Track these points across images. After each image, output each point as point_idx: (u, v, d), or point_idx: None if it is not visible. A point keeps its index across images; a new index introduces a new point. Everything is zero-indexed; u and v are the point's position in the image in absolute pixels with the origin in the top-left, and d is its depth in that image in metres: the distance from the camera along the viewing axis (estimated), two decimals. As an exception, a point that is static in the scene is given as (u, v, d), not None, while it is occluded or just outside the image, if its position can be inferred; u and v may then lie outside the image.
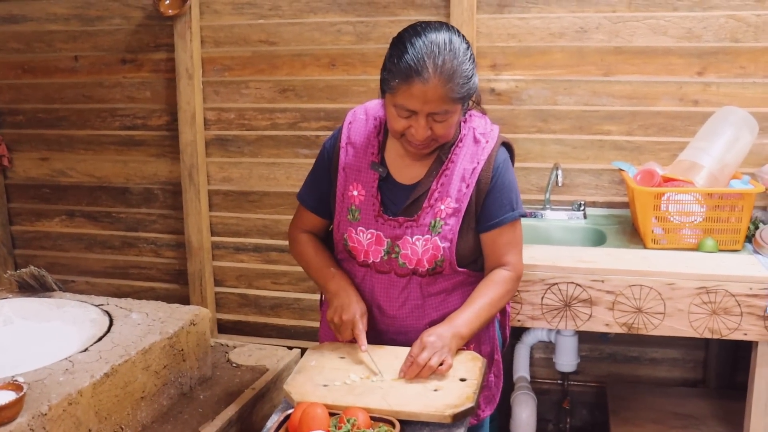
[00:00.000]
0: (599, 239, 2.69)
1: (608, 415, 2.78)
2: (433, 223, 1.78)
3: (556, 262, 2.31)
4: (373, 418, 1.53)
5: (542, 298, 2.31)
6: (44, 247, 3.75)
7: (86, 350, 2.04)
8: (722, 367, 2.93)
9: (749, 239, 2.48)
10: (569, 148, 2.96)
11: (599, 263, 2.29)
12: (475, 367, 1.71)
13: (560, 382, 3.05)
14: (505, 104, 2.97)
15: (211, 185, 3.40)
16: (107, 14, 3.37)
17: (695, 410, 2.76)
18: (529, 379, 2.94)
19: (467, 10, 2.88)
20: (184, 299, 3.48)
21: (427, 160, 1.81)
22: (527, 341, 2.89)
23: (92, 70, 3.46)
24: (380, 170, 1.83)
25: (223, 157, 3.36)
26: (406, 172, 1.83)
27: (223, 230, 3.44)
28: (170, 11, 3.16)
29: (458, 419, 1.55)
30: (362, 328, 1.79)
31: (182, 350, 2.26)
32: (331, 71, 3.15)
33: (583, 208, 2.89)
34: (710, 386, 2.97)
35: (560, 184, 2.82)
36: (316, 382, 1.69)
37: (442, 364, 1.67)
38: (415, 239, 1.78)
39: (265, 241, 3.40)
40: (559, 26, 2.87)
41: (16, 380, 1.73)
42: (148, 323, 2.24)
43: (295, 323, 3.42)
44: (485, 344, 1.91)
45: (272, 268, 3.41)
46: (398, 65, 1.64)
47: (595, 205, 2.98)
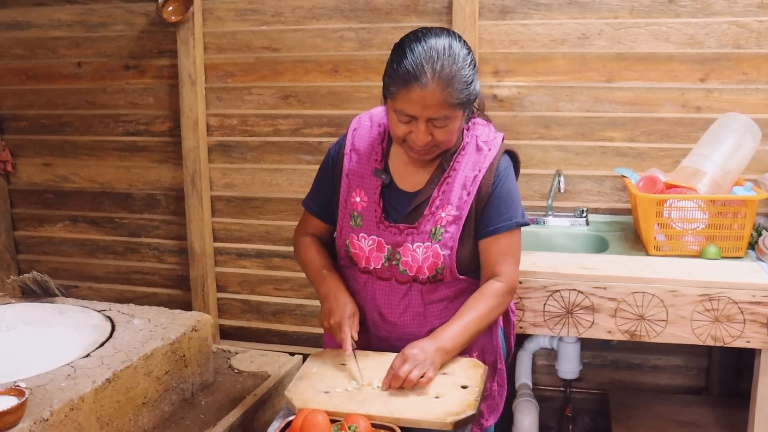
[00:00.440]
0: (601, 246, 2.69)
1: (610, 422, 2.78)
2: (433, 230, 1.77)
3: (558, 268, 2.31)
4: (374, 425, 1.53)
5: (544, 304, 2.30)
6: (47, 252, 3.75)
7: (88, 356, 2.04)
8: (725, 374, 2.92)
9: (752, 246, 2.48)
10: (571, 154, 2.96)
11: (601, 270, 2.29)
12: (476, 374, 1.71)
13: (562, 389, 3.04)
14: (507, 110, 2.97)
15: (213, 191, 3.41)
16: (110, 20, 3.38)
17: (698, 418, 2.75)
18: (531, 386, 2.93)
19: (469, 16, 2.89)
20: (186, 305, 3.48)
21: (429, 167, 1.81)
22: (529, 348, 2.88)
23: (95, 76, 3.47)
24: (383, 177, 1.83)
25: (225, 163, 3.36)
26: (409, 179, 1.83)
27: (225, 236, 3.44)
28: (173, 18, 3.17)
29: (459, 426, 1.54)
30: (347, 331, 1.77)
31: (184, 356, 2.26)
32: (333, 77, 3.15)
33: (585, 214, 2.88)
34: (713, 394, 2.96)
35: (562, 190, 2.82)
36: (317, 388, 1.68)
37: (423, 376, 1.63)
38: (415, 246, 1.78)
39: (267, 247, 3.40)
40: (561, 32, 2.88)
41: (18, 385, 1.74)
42: (150, 329, 2.24)
43: (297, 329, 3.42)
44: (488, 353, 1.91)
45: (274, 274, 3.41)
46: (397, 71, 1.65)
47: (597, 211, 2.98)
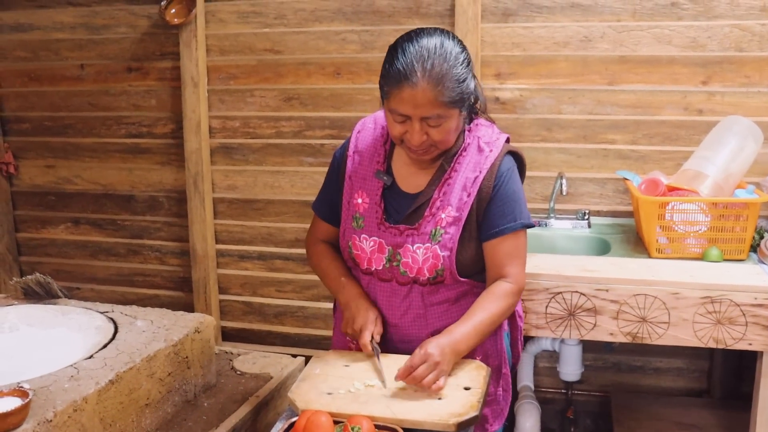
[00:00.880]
0: (603, 248, 2.69)
1: (612, 424, 2.78)
2: (433, 231, 1.77)
3: (560, 271, 2.31)
4: (377, 426, 1.53)
5: (546, 307, 2.31)
6: (49, 254, 3.76)
7: (91, 357, 2.04)
8: (727, 377, 2.92)
9: (754, 249, 2.48)
10: (573, 157, 2.97)
11: (603, 272, 2.29)
12: (479, 375, 1.71)
13: (564, 391, 3.04)
14: (509, 113, 2.98)
15: (215, 193, 3.41)
16: (113, 23, 3.39)
17: (699, 420, 2.75)
18: (533, 388, 2.93)
19: (472, 19, 2.90)
20: (188, 307, 3.48)
21: (431, 168, 1.82)
22: (531, 350, 2.88)
23: (98, 78, 3.48)
24: (384, 178, 1.83)
25: (227, 165, 3.37)
26: (411, 180, 1.84)
27: (227, 238, 3.45)
28: (176, 20, 3.18)
29: (462, 428, 1.55)
30: (367, 336, 1.79)
31: (187, 358, 2.26)
32: (336, 80, 3.16)
33: (587, 217, 2.88)
34: (714, 396, 2.96)
35: (564, 193, 2.82)
36: (320, 390, 1.69)
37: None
38: (415, 247, 1.78)
39: (269, 249, 3.40)
40: (563, 35, 2.88)
41: (21, 387, 1.74)
42: (152, 330, 2.25)
43: (299, 331, 3.42)
44: (493, 358, 1.89)
45: (276, 275, 3.42)
46: (390, 70, 1.66)
47: (599, 214, 2.98)
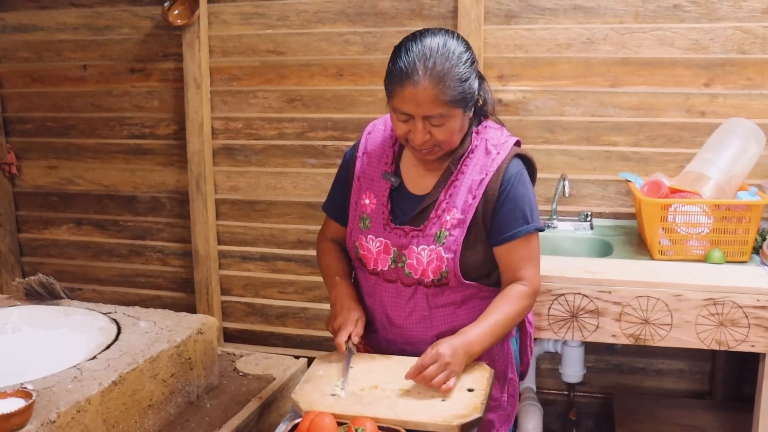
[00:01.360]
0: (606, 250, 2.69)
1: (614, 426, 2.78)
2: (438, 233, 1.77)
3: (562, 272, 2.31)
4: (380, 427, 1.54)
5: (549, 308, 2.31)
6: (52, 254, 3.76)
7: (94, 358, 2.04)
8: (729, 379, 2.92)
9: (756, 251, 2.48)
10: (576, 158, 2.97)
11: (606, 274, 2.30)
12: (482, 377, 1.71)
13: (566, 393, 3.04)
14: (512, 115, 2.98)
15: (218, 194, 3.41)
16: (116, 24, 3.40)
17: (702, 422, 2.75)
18: (535, 389, 2.93)
19: (474, 21, 2.90)
20: (190, 308, 3.48)
21: (438, 170, 1.82)
22: (534, 352, 2.88)
23: (101, 79, 3.49)
24: (392, 180, 1.84)
25: (230, 166, 3.37)
26: (419, 182, 1.84)
27: (229, 239, 3.45)
28: (179, 21, 3.18)
29: (465, 429, 1.55)
30: (343, 336, 1.80)
31: (189, 359, 2.26)
32: (338, 81, 3.16)
33: (589, 218, 2.89)
34: (717, 398, 2.96)
35: (567, 194, 2.82)
36: (324, 391, 1.69)
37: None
38: (420, 249, 1.79)
39: (271, 250, 3.40)
40: (566, 37, 2.88)
41: (25, 387, 1.74)
42: (155, 332, 2.25)
43: (301, 332, 3.42)
44: (499, 362, 1.89)
45: (279, 277, 3.42)
46: (393, 69, 1.68)
47: (601, 216, 2.98)
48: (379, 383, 1.70)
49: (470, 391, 1.66)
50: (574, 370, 2.79)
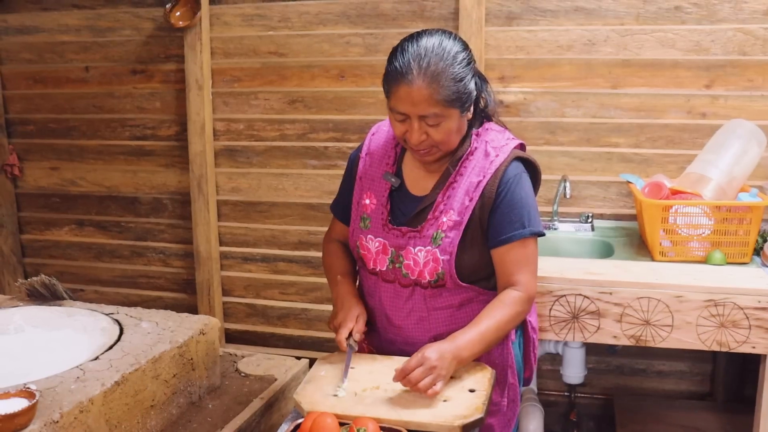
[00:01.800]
0: (607, 251, 2.69)
1: (615, 427, 2.78)
2: (435, 235, 1.77)
3: (564, 274, 2.31)
4: (382, 427, 1.54)
5: (550, 309, 2.31)
6: (53, 255, 3.77)
7: (97, 358, 2.05)
8: (730, 380, 2.93)
9: (757, 252, 2.49)
10: (577, 160, 2.97)
11: (607, 275, 2.30)
12: (484, 378, 1.72)
13: (567, 394, 3.04)
14: (513, 116, 2.98)
15: (219, 195, 3.42)
16: (118, 25, 3.40)
17: (702, 423, 2.76)
18: (536, 390, 2.94)
19: (476, 22, 2.90)
20: (192, 309, 3.49)
21: (438, 171, 1.82)
22: (535, 353, 2.89)
23: (103, 80, 3.49)
24: (392, 180, 1.85)
25: (231, 167, 3.38)
26: (419, 183, 1.85)
27: (231, 240, 3.45)
28: (181, 23, 3.19)
29: (467, 430, 1.55)
30: (344, 333, 1.80)
31: (192, 359, 2.27)
32: (340, 83, 3.17)
33: (590, 220, 2.89)
34: (718, 399, 2.96)
35: (568, 196, 2.83)
36: (325, 391, 1.69)
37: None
38: (417, 250, 1.79)
39: (273, 251, 3.41)
40: (567, 39, 2.89)
41: (28, 388, 1.75)
42: (158, 332, 2.25)
43: (302, 333, 3.43)
44: (499, 367, 1.87)
45: (280, 278, 3.42)
46: (389, 70, 1.69)
47: (602, 217, 2.99)
48: (380, 384, 1.71)
49: (472, 391, 1.66)
50: (575, 371, 2.79)
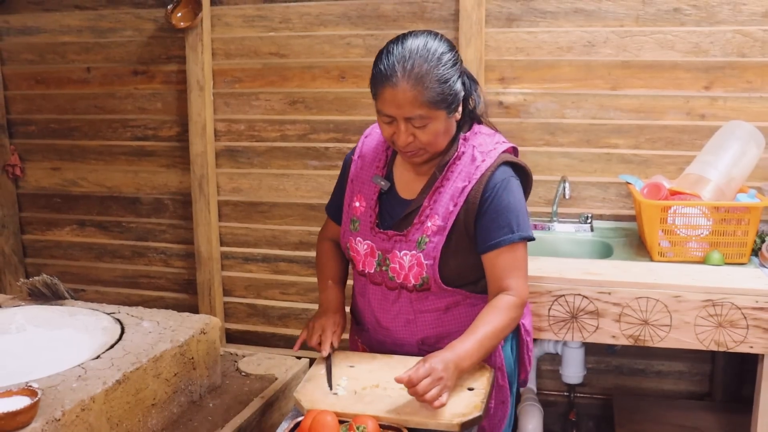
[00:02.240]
0: (606, 252, 2.70)
1: (614, 427, 2.79)
2: (420, 239, 1.77)
3: (563, 273, 2.32)
4: (381, 426, 1.55)
5: (549, 309, 2.32)
6: (55, 256, 3.78)
7: (98, 357, 2.06)
8: (728, 380, 2.93)
9: (755, 253, 2.50)
10: (576, 161, 2.98)
11: (606, 275, 2.31)
12: (482, 376, 1.73)
13: (566, 393, 3.05)
14: (513, 117, 3.00)
15: (220, 196, 3.43)
16: (120, 26, 3.42)
17: (701, 423, 2.76)
18: (535, 390, 2.95)
19: (476, 24, 2.92)
20: (192, 309, 3.50)
21: (427, 175, 1.82)
22: (534, 353, 2.89)
23: (104, 81, 3.51)
24: (382, 183, 1.85)
25: (232, 168, 3.39)
26: (409, 186, 1.84)
27: (232, 240, 3.47)
28: (182, 24, 3.20)
29: (466, 428, 1.56)
30: (328, 336, 1.86)
31: (192, 358, 2.28)
32: (340, 84, 3.18)
33: (590, 220, 2.90)
34: (716, 399, 2.97)
35: (567, 196, 2.84)
36: (325, 390, 1.71)
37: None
38: (402, 254, 1.78)
39: (273, 251, 3.42)
40: (566, 40, 2.90)
41: (30, 386, 1.76)
42: (159, 331, 2.26)
43: (303, 333, 3.43)
44: None
45: (281, 278, 3.43)
46: (375, 72, 1.69)
47: (602, 217, 3.00)
48: (380, 382, 1.72)
49: (470, 390, 1.67)
50: (574, 371, 2.80)
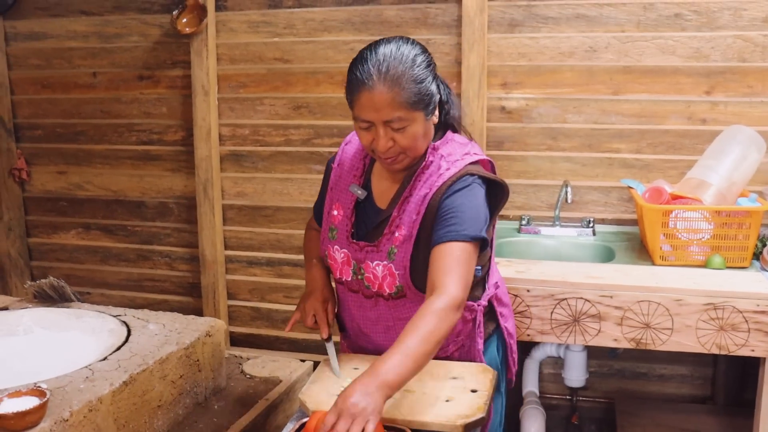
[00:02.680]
0: (608, 256, 2.72)
1: (616, 430, 2.80)
2: (390, 249, 1.76)
3: (565, 277, 2.34)
4: (385, 426, 1.56)
5: (551, 313, 2.34)
6: (60, 259, 3.80)
7: (105, 359, 2.08)
8: (730, 383, 2.94)
9: (756, 256, 2.51)
10: (579, 165, 3.00)
11: (608, 279, 2.32)
12: (485, 378, 1.75)
13: (569, 397, 3.06)
14: (515, 122, 3.01)
15: (225, 200, 3.45)
16: (125, 32, 3.44)
17: (703, 427, 2.77)
18: (538, 393, 2.95)
19: (478, 29, 2.94)
20: (197, 312, 3.50)
21: (398, 184, 1.81)
22: (536, 356, 2.91)
23: (110, 86, 3.53)
24: (358, 192, 1.84)
25: (237, 172, 3.41)
26: (384, 195, 1.84)
27: (236, 244, 3.48)
28: (187, 29, 3.22)
29: (469, 429, 1.57)
30: (322, 316, 1.84)
31: (198, 361, 2.30)
32: (344, 89, 3.18)
33: (592, 224, 2.92)
34: (718, 403, 2.98)
35: (570, 201, 2.86)
36: (331, 391, 1.72)
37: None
38: (375, 264, 1.78)
39: (277, 255, 3.44)
40: (568, 46, 2.92)
41: (39, 387, 1.78)
42: (165, 334, 2.28)
43: (306, 337, 3.44)
44: None
45: (285, 282, 3.45)
46: (350, 79, 1.71)
47: (604, 222, 3.01)
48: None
49: (474, 391, 1.69)
50: (576, 374, 2.80)
